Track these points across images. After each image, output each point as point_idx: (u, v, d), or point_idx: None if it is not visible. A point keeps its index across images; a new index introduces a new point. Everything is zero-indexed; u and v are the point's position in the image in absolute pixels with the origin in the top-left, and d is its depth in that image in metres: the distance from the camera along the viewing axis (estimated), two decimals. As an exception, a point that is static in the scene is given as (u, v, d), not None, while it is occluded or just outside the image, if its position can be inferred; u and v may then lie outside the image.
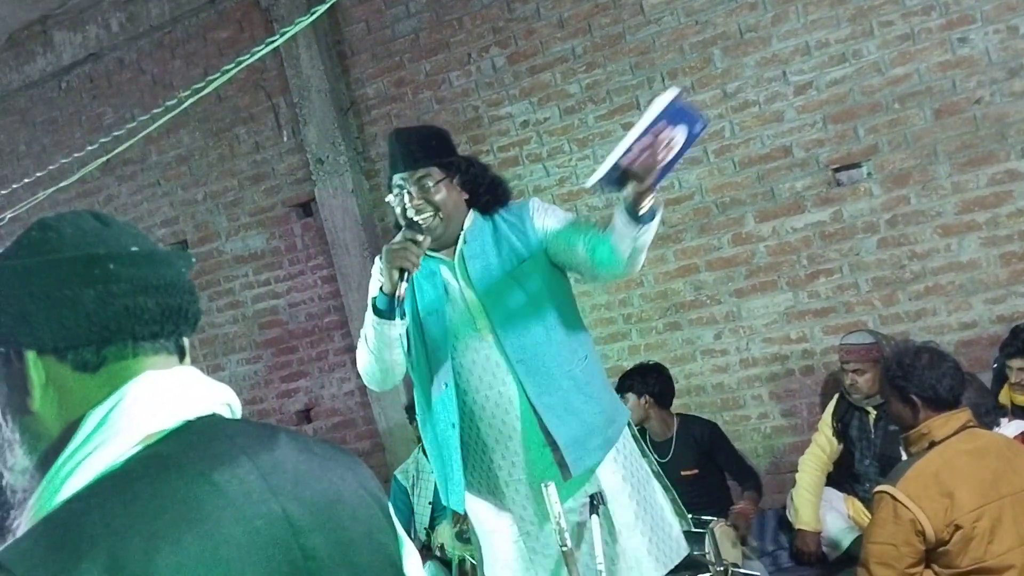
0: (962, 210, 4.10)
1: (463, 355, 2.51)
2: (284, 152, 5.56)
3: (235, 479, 0.91)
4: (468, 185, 2.57)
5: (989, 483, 2.66)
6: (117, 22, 5.80)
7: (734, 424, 4.61)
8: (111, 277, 0.94)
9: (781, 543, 4.21)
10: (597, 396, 2.54)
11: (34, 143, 6.30)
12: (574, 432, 2.47)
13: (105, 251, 0.96)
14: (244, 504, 0.90)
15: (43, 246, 0.96)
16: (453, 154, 2.61)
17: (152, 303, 0.97)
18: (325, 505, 0.97)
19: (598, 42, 4.71)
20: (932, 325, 4.19)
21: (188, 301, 1.01)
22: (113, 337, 0.95)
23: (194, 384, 0.99)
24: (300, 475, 0.97)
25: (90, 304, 0.93)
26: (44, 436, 0.95)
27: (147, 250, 0.99)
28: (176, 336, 1.01)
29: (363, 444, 5.61)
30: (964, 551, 2.64)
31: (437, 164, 2.52)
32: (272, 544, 0.90)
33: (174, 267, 1.00)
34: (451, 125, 5.08)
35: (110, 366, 0.95)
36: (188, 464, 0.90)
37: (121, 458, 0.90)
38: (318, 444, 1.04)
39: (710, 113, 4.52)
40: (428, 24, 5.10)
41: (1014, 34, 3.94)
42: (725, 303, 4.61)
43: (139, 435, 0.92)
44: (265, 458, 0.95)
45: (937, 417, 2.76)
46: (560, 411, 2.48)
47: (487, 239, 2.56)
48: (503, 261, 2.52)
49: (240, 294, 5.83)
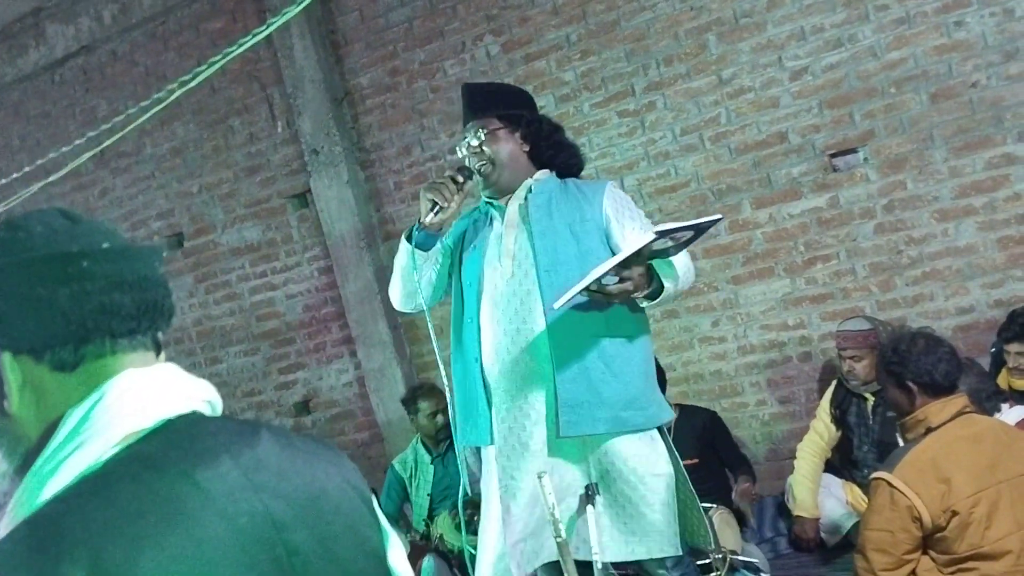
0: (959, 195, 4.09)
1: (498, 292, 2.59)
2: (279, 143, 5.54)
3: (217, 477, 0.91)
4: (530, 138, 2.67)
5: (986, 468, 2.65)
6: (110, 14, 5.77)
7: (732, 411, 4.61)
8: (85, 275, 0.93)
9: (780, 530, 4.22)
10: (622, 375, 2.53)
11: (28, 136, 6.28)
12: (578, 394, 2.50)
13: (78, 248, 0.94)
14: (227, 502, 0.90)
15: (13, 246, 0.94)
16: (518, 107, 2.69)
17: (128, 299, 0.95)
18: (308, 500, 0.97)
19: (593, 29, 4.69)
20: (930, 310, 4.18)
21: (162, 296, 0.99)
22: (90, 335, 0.94)
23: (174, 381, 0.98)
24: (283, 471, 0.97)
25: (65, 303, 0.92)
26: (23, 438, 0.94)
27: (119, 246, 0.97)
28: (152, 332, 0.99)
29: (362, 435, 5.61)
30: (961, 537, 2.64)
31: (497, 115, 2.65)
32: (256, 542, 0.90)
33: (147, 262, 0.99)
34: (446, 114, 5.07)
35: (88, 365, 0.94)
36: (170, 463, 0.90)
37: (102, 458, 0.89)
38: (300, 440, 1.04)
39: (706, 100, 4.50)
40: (422, 12, 5.08)
41: (1010, 17, 3.92)
42: (722, 290, 4.60)
43: (120, 434, 0.91)
44: (247, 455, 0.95)
45: (934, 403, 2.75)
46: (575, 370, 2.50)
47: (555, 192, 2.64)
48: (566, 214, 2.60)
49: (237, 286, 5.82)
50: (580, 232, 2.57)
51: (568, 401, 2.51)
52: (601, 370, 2.52)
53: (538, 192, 2.65)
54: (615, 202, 2.61)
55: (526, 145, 2.66)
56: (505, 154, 2.63)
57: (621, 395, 2.53)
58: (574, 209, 2.60)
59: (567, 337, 2.52)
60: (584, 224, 2.57)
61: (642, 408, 2.56)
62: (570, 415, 2.50)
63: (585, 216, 2.58)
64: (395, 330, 5.33)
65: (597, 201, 2.60)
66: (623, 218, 2.59)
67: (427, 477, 4.68)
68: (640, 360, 2.61)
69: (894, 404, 2.90)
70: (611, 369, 2.53)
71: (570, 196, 2.63)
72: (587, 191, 2.64)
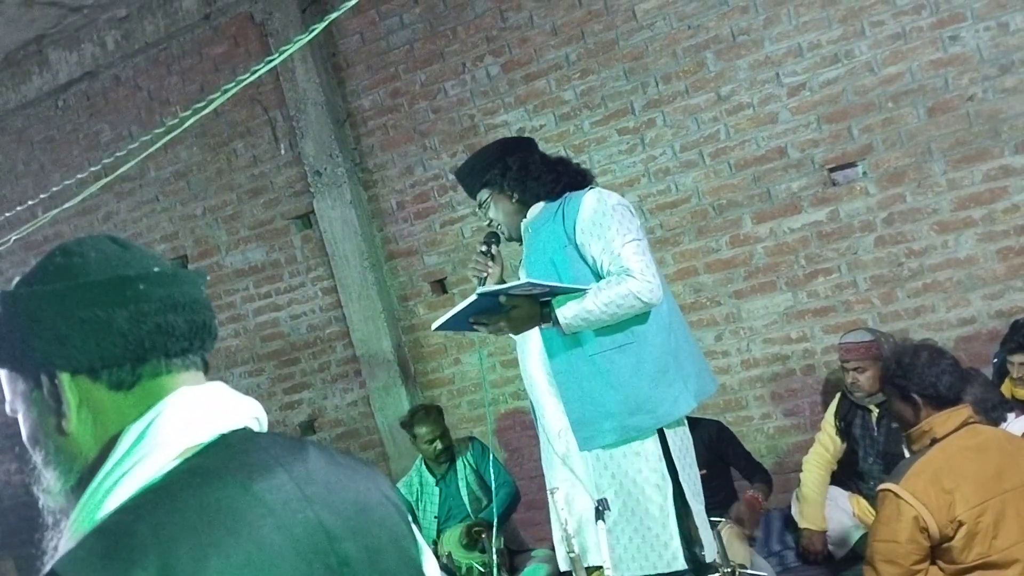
0: (958, 207, 4.13)
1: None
2: (282, 165, 5.58)
3: (273, 489, 0.94)
4: (514, 187, 2.90)
5: (991, 478, 2.67)
6: (112, 40, 5.82)
7: (737, 425, 4.62)
8: (142, 297, 0.97)
9: (787, 543, 4.22)
10: (621, 386, 2.67)
11: (32, 162, 6.31)
12: (583, 413, 2.70)
13: (134, 272, 0.99)
14: (283, 513, 0.93)
15: (70, 270, 0.98)
16: (492, 169, 2.92)
17: (181, 320, 1.00)
18: (354, 513, 1.01)
19: (591, 48, 4.74)
20: (931, 322, 4.21)
21: (210, 317, 1.05)
22: (147, 355, 0.98)
23: (226, 398, 1.02)
24: (330, 484, 1.01)
25: (123, 324, 0.96)
26: (79, 457, 0.98)
27: (170, 270, 1.02)
28: (202, 351, 1.04)
29: (367, 454, 5.62)
30: (969, 547, 2.65)
31: (483, 186, 2.95)
32: (311, 551, 0.94)
33: (195, 285, 1.04)
34: (447, 134, 5.11)
35: (145, 383, 0.98)
36: (229, 475, 0.93)
37: (162, 471, 0.93)
38: (342, 455, 1.08)
39: (704, 116, 4.55)
40: (422, 35, 5.13)
41: (1004, 31, 3.97)
42: (725, 304, 4.63)
43: (178, 448, 0.95)
44: (299, 468, 0.99)
45: (938, 414, 2.77)
46: (575, 390, 2.72)
47: (544, 224, 2.85)
48: (549, 245, 2.80)
49: (241, 307, 5.85)
50: (561, 262, 2.75)
51: (577, 420, 2.69)
52: (600, 386, 2.67)
53: (532, 230, 2.88)
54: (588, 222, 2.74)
55: (515, 194, 2.90)
56: (502, 215, 2.96)
57: (623, 404, 2.65)
58: (556, 237, 2.79)
59: (561, 361, 2.74)
60: (563, 251, 2.76)
61: (651, 411, 2.68)
62: (582, 431, 2.69)
63: (563, 243, 2.76)
64: (399, 349, 5.35)
65: (571, 223, 2.76)
66: (592, 239, 2.72)
67: (433, 500, 4.68)
68: (641, 364, 2.70)
69: (899, 417, 2.92)
70: (609, 382, 2.67)
71: (557, 222, 2.80)
72: (569, 212, 2.79)
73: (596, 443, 2.68)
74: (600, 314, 2.61)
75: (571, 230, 2.74)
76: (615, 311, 2.62)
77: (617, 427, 2.66)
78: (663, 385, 2.71)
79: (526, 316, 2.69)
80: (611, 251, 2.66)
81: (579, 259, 2.73)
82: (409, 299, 5.40)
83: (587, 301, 2.61)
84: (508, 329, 2.72)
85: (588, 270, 2.73)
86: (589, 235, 2.71)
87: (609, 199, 2.77)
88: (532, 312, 2.68)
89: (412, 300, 5.39)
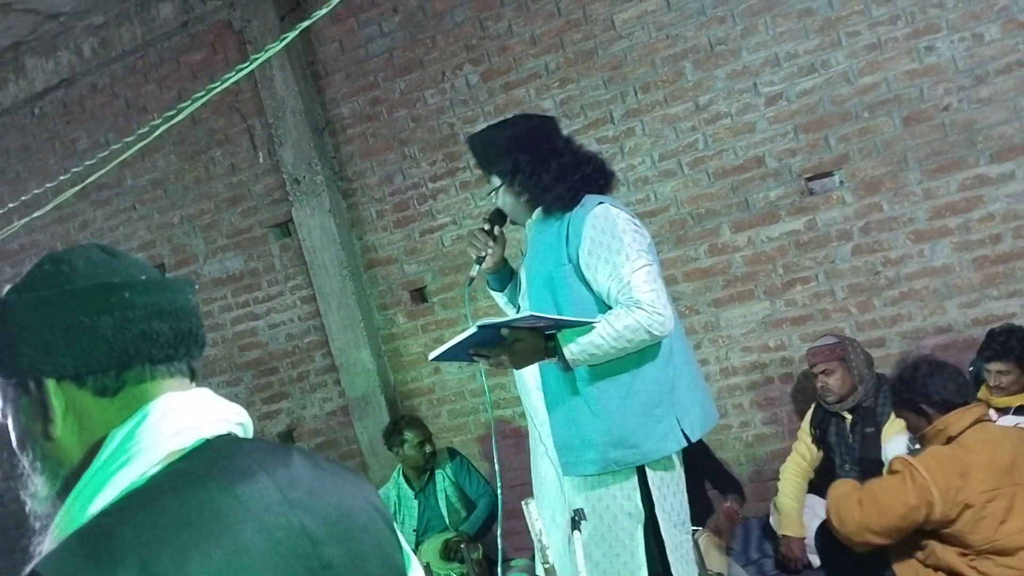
0: (934, 216, 4.15)
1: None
2: (260, 173, 5.56)
3: (256, 493, 0.95)
4: (523, 189, 2.73)
5: (1005, 469, 2.78)
6: (89, 47, 5.79)
7: (716, 433, 4.62)
8: (127, 304, 0.99)
9: (766, 551, 4.24)
10: (606, 416, 2.59)
11: (8, 170, 6.26)
12: (567, 438, 2.65)
13: (119, 280, 1.00)
14: (265, 516, 0.94)
15: (57, 278, 0.99)
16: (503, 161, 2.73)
17: (166, 327, 1.01)
18: (338, 518, 1.01)
19: (571, 58, 4.75)
20: (908, 330, 4.23)
21: (196, 325, 1.06)
22: (131, 361, 0.99)
23: (211, 404, 1.04)
24: (314, 490, 1.01)
25: (109, 331, 0.97)
26: (65, 462, 0.99)
27: (156, 278, 1.04)
28: (188, 359, 1.05)
29: (346, 464, 5.58)
30: (975, 530, 2.74)
31: (496, 173, 2.78)
32: (293, 554, 0.94)
33: (182, 293, 1.05)
34: (427, 143, 5.11)
35: (129, 389, 0.99)
36: (211, 479, 0.94)
37: (146, 474, 0.94)
38: (326, 462, 1.09)
39: (683, 126, 4.57)
40: (401, 43, 5.12)
41: (979, 41, 4.00)
42: (703, 313, 4.64)
43: (162, 453, 0.96)
44: (282, 473, 1.00)
45: (951, 413, 2.86)
46: (561, 414, 2.66)
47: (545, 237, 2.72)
48: (548, 262, 2.68)
49: (219, 316, 5.81)
50: (559, 280, 2.63)
51: (560, 444, 2.66)
52: (585, 413, 2.61)
53: (533, 237, 2.78)
54: (595, 244, 2.57)
55: (523, 195, 2.74)
56: (508, 206, 2.81)
57: (606, 436, 2.58)
58: (556, 252, 2.64)
59: (554, 383, 2.67)
60: (562, 269, 2.62)
61: (634, 446, 2.57)
62: (565, 456, 2.66)
63: (562, 260, 2.63)
64: (379, 358, 5.33)
65: (575, 245, 2.61)
66: (599, 262, 2.56)
67: (412, 513, 4.66)
68: (630, 396, 2.59)
69: (915, 429, 3.00)
70: (593, 411, 2.60)
71: (560, 236, 2.65)
72: (573, 231, 2.63)
73: (577, 471, 2.62)
74: (608, 348, 2.50)
75: (574, 253, 2.60)
76: (624, 345, 2.50)
77: (598, 459, 2.58)
78: (651, 421, 2.60)
79: (530, 350, 2.56)
80: (619, 278, 2.50)
81: (577, 280, 2.60)
82: (388, 308, 5.39)
83: (594, 335, 2.49)
84: (510, 363, 2.58)
85: (586, 291, 2.60)
86: (596, 258, 2.56)
87: (618, 218, 2.58)
88: (536, 346, 2.55)
89: (391, 309, 5.38)
